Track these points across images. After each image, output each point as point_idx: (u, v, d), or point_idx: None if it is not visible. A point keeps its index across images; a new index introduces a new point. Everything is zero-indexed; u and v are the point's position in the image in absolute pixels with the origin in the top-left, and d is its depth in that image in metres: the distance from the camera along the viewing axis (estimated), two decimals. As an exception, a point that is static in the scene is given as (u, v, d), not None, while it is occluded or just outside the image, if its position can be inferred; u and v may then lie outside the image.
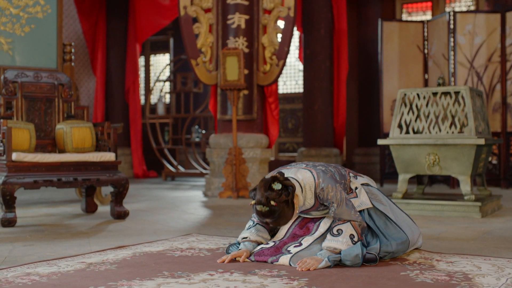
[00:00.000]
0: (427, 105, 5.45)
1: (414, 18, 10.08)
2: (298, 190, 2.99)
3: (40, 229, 4.41)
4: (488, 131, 5.69)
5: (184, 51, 9.04)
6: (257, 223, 3.22)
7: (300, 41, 9.45)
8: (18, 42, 6.11)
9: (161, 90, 11.23)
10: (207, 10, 7.24)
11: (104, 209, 5.59)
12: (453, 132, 5.27)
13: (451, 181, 7.97)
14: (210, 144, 7.29)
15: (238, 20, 7.08)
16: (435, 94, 5.46)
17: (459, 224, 4.60)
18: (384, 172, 8.63)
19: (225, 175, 6.73)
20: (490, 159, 7.95)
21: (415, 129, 5.45)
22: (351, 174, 3.29)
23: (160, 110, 11.14)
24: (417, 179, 5.83)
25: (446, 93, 5.40)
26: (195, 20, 7.23)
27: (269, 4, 7.16)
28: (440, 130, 5.32)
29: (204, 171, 9.56)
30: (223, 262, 3.03)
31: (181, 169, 10.20)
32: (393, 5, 10.17)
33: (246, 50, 7.05)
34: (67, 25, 9.87)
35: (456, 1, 9.90)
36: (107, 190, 6.21)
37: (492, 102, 7.97)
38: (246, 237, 3.17)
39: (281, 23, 7.22)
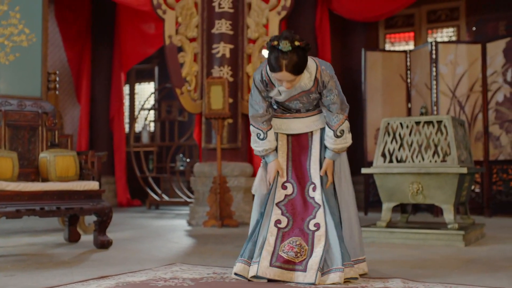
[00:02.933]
0: (410, 134, 5.50)
1: (397, 48, 10.21)
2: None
3: (22, 258, 4.36)
4: (471, 160, 5.75)
5: (169, 80, 9.06)
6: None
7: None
8: (3, 70, 6.09)
9: (145, 119, 11.24)
10: (192, 40, 7.29)
11: (87, 238, 5.54)
12: (436, 161, 5.32)
13: (435, 210, 7.99)
14: (195, 172, 7.28)
15: (222, 49, 7.14)
16: (418, 123, 5.51)
17: (442, 252, 4.61)
18: (369, 200, 8.65)
19: (210, 204, 6.71)
20: (473, 187, 8.00)
21: (399, 158, 5.49)
22: None
23: (145, 138, 11.14)
24: (401, 208, 5.86)
25: (428, 122, 5.46)
26: (180, 49, 7.27)
27: (253, 34, 7.24)
28: (423, 159, 5.37)
29: (188, 200, 9.52)
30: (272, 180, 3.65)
31: (165, 197, 10.14)
32: (377, 35, 10.31)
33: (231, 79, 7.10)
34: (52, 53, 9.86)
35: (438, 31, 10.06)
36: (90, 219, 6.17)
37: (475, 131, 8.05)
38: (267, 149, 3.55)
39: (265, 53, 7.28)
